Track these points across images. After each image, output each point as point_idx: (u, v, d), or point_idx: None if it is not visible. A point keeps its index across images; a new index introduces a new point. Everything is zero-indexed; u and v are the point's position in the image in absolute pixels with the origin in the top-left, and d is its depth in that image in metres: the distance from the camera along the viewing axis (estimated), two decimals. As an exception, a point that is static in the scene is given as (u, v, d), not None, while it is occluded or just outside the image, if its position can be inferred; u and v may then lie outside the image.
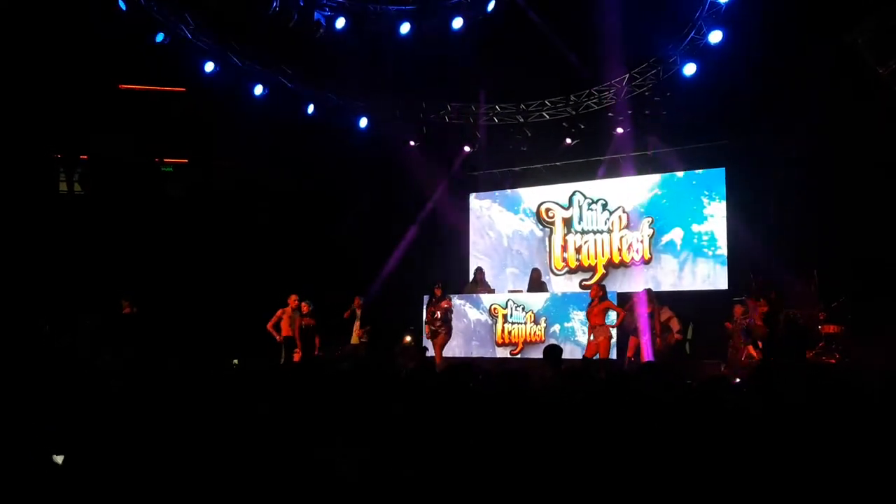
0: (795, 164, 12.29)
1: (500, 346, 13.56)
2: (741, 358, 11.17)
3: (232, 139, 14.26)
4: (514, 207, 16.35)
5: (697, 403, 4.33)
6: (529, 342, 13.28)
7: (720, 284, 13.81)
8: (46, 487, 3.41)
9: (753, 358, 10.95)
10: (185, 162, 15.59)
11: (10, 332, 11.08)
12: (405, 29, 12.66)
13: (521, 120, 15.20)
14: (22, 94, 12.87)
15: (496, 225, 16.53)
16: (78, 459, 3.55)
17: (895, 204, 10.93)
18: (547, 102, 14.86)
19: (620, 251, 14.96)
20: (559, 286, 15.27)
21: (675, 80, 12.91)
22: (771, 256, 12.32)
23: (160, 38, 12.11)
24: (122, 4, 11.36)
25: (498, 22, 12.45)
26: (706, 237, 14.10)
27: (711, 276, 14.02)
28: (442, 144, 15.75)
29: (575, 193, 15.58)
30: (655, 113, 13.81)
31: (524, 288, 14.57)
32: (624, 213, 14.98)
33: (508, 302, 13.70)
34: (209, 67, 12.93)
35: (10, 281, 12.65)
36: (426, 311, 13.04)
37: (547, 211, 15.88)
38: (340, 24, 12.39)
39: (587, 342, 11.75)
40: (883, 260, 10.92)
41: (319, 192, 15.85)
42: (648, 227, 14.70)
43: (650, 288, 12.81)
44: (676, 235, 14.42)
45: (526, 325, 13.39)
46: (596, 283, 13.89)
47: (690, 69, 12.29)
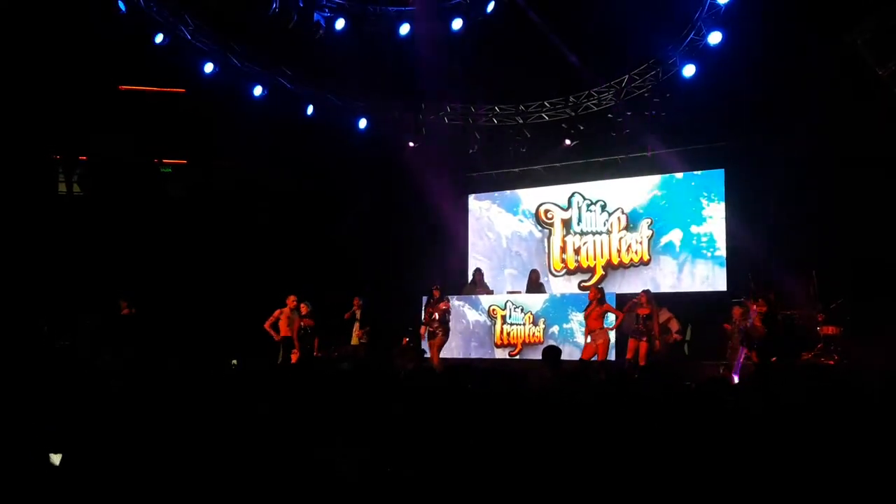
0: (794, 165, 12.29)
1: (498, 347, 13.56)
2: (737, 359, 11.17)
3: (232, 140, 14.25)
4: (513, 208, 16.35)
5: (696, 405, 4.33)
6: (528, 343, 13.27)
7: (719, 286, 13.82)
8: (46, 487, 3.41)
9: (751, 360, 10.95)
10: (184, 162, 15.59)
11: (9, 332, 11.08)
12: (405, 30, 12.68)
13: (520, 121, 15.22)
14: (22, 94, 12.86)
15: (495, 226, 16.54)
16: (78, 459, 3.55)
17: (894, 204, 10.94)
18: (546, 103, 14.89)
19: (619, 252, 14.97)
20: (558, 287, 15.27)
21: (674, 81, 12.93)
22: (770, 258, 12.34)
23: (160, 38, 12.13)
24: (121, 5, 11.37)
25: (497, 23, 12.46)
26: (705, 238, 14.11)
27: (710, 277, 14.02)
28: (441, 145, 15.75)
29: (574, 195, 15.59)
30: (655, 114, 13.82)
31: (523, 289, 14.57)
32: (623, 214, 14.99)
33: (507, 303, 13.70)
34: (209, 68, 12.95)
35: (9, 281, 12.64)
36: (424, 311, 13.04)
37: (546, 212, 15.89)
38: (340, 25, 12.41)
39: (584, 344, 11.75)
40: (882, 261, 10.93)
41: (319, 192, 15.85)
42: (647, 228, 14.71)
43: (649, 289, 12.81)
44: (675, 237, 14.43)
45: (525, 326, 13.39)
46: (594, 285, 13.89)
47: (690, 70, 12.31)
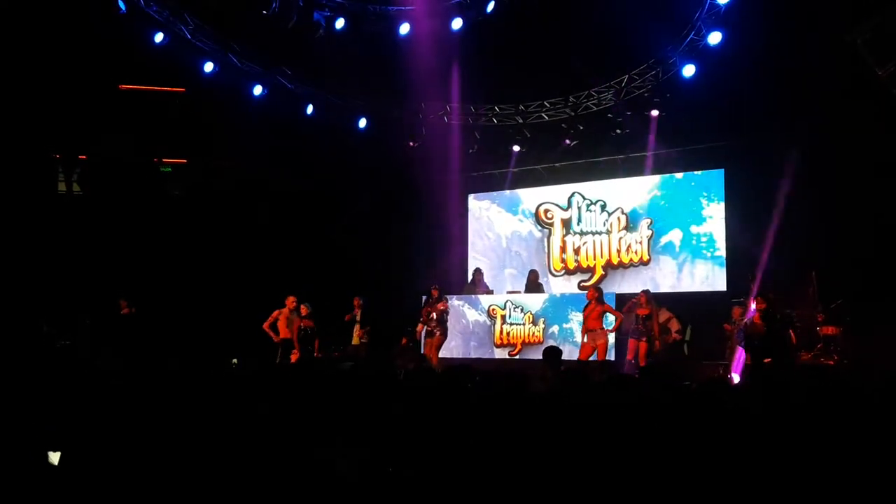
0: (794, 165, 12.29)
1: (498, 347, 13.56)
2: (736, 359, 11.18)
3: (231, 139, 14.25)
4: (512, 208, 16.36)
5: (696, 405, 4.33)
6: (528, 343, 13.27)
7: (719, 286, 13.83)
8: (46, 487, 3.41)
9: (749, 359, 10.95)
10: (184, 162, 15.58)
11: (9, 332, 11.07)
12: (405, 29, 12.68)
13: (520, 121, 15.22)
14: (21, 94, 12.85)
15: (495, 226, 16.54)
16: (78, 459, 3.55)
17: (894, 205, 10.94)
18: (546, 103, 14.88)
19: (619, 252, 14.97)
20: (558, 287, 15.28)
21: (674, 81, 12.93)
22: (770, 258, 12.33)
23: (160, 38, 12.13)
24: (121, 5, 11.37)
25: (497, 23, 12.46)
26: (705, 238, 14.11)
27: (710, 277, 14.03)
28: (441, 145, 15.75)
29: (574, 194, 15.59)
30: (654, 114, 13.82)
31: (522, 289, 14.57)
32: (623, 214, 14.99)
33: (507, 303, 13.70)
34: (208, 68, 12.96)
35: (9, 281, 12.63)
36: (422, 311, 13.04)
37: (546, 212, 15.89)
38: (340, 24, 12.40)
39: (581, 344, 11.74)
40: (882, 261, 10.94)
41: (319, 192, 15.85)
42: (647, 228, 14.71)
43: (648, 289, 12.81)
44: (675, 237, 14.43)
45: (524, 326, 13.39)
46: (592, 285, 13.87)
47: (689, 70, 12.31)
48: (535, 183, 16.12)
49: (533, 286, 14.37)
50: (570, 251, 15.53)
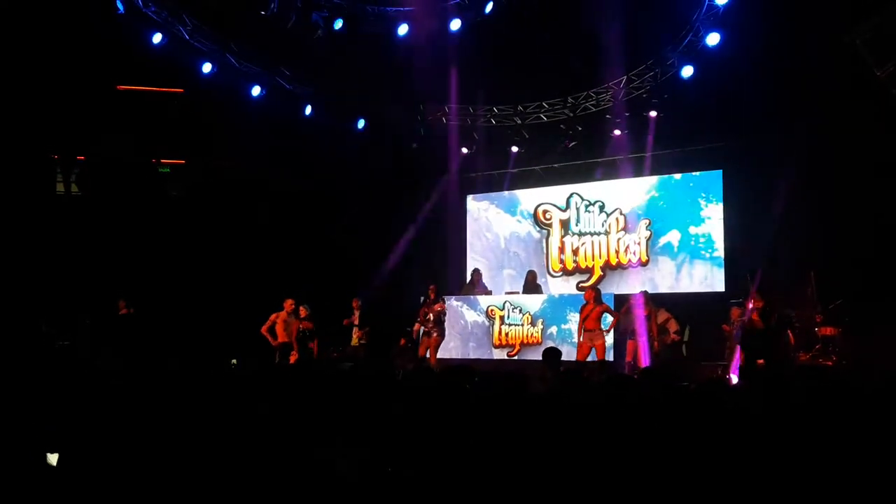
0: (793, 166, 12.29)
1: (497, 347, 13.55)
2: (734, 359, 11.18)
3: (230, 140, 14.24)
4: (511, 209, 16.36)
5: (695, 405, 4.33)
6: (526, 344, 13.26)
7: (717, 286, 13.84)
8: (46, 487, 3.41)
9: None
10: (182, 162, 15.56)
11: (9, 332, 11.06)
12: (403, 30, 12.68)
13: (518, 121, 15.23)
14: (19, 94, 12.84)
15: (493, 226, 16.54)
16: (78, 459, 3.55)
17: (894, 205, 10.94)
18: (545, 104, 14.90)
19: (618, 253, 14.97)
20: (556, 288, 15.28)
21: (672, 82, 12.94)
22: (768, 258, 12.33)
23: (158, 38, 12.12)
24: (119, 5, 11.36)
25: (496, 23, 12.46)
26: (703, 239, 14.12)
27: (708, 278, 14.04)
28: (440, 146, 15.76)
29: (572, 195, 15.59)
30: (653, 115, 13.83)
31: (521, 290, 14.57)
32: (621, 215, 15.00)
33: (505, 303, 13.70)
34: (207, 68, 12.95)
35: (8, 281, 12.62)
36: (419, 311, 13.03)
37: (544, 213, 15.90)
38: (338, 25, 12.40)
39: (578, 344, 11.74)
40: (881, 261, 10.93)
41: (319, 192, 15.84)
42: (646, 229, 14.72)
43: (647, 290, 12.81)
44: (674, 237, 14.44)
45: (523, 326, 13.38)
46: (590, 286, 13.86)
47: (688, 71, 12.33)
48: (533, 184, 16.13)
49: (531, 286, 14.36)
50: (568, 252, 15.54)
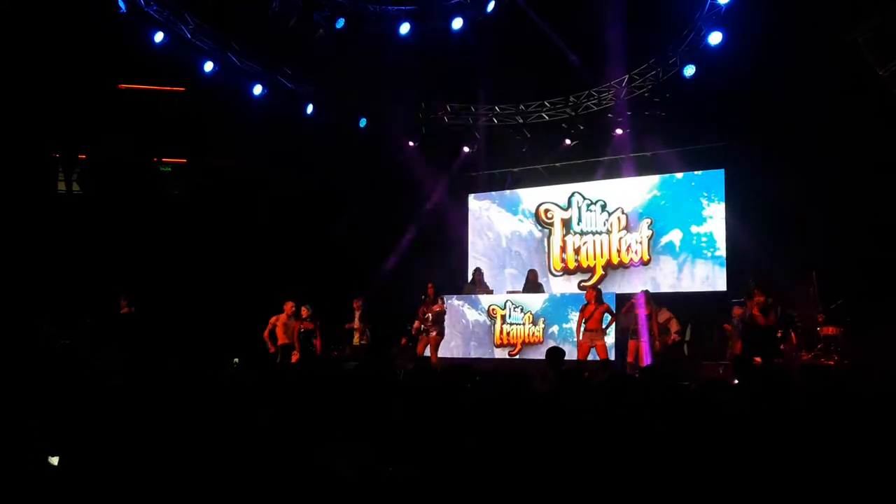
0: (794, 165, 12.29)
1: (498, 346, 13.54)
2: (734, 354, 11.16)
3: (231, 139, 14.25)
4: (512, 208, 16.35)
5: (696, 405, 4.33)
6: (528, 343, 13.25)
7: (719, 286, 13.82)
8: (46, 487, 3.41)
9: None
10: (184, 161, 15.57)
11: (9, 331, 11.06)
12: (405, 29, 12.68)
13: (520, 121, 15.22)
14: (21, 93, 12.85)
15: (495, 226, 16.53)
16: (77, 459, 3.55)
17: (894, 205, 10.93)
18: (546, 103, 14.89)
19: (619, 252, 14.96)
20: (558, 287, 15.27)
21: (674, 81, 12.93)
22: (770, 258, 12.32)
23: (160, 37, 12.13)
24: (121, 4, 11.37)
25: (498, 22, 12.46)
26: (705, 238, 14.10)
27: (710, 277, 14.02)
28: (441, 145, 15.76)
29: (574, 194, 15.58)
30: (654, 114, 13.82)
31: (522, 289, 14.55)
32: (623, 214, 14.98)
33: (507, 303, 13.68)
34: (208, 67, 12.96)
35: (9, 281, 12.63)
36: (419, 310, 13.02)
37: (546, 212, 15.89)
38: (340, 24, 12.40)
39: (578, 343, 11.73)
40: (882, 261, 10.92)
41: (319, 191, 15.84)
42: (647, 228, 14.70)
43: (648, 290, 12.81)
44: (675, 237, 14.42)
45: (524, 325, 13.37)
46: (591, 285, 13.85)
47: (690, 70, 12.31)
48: (535, 183, 16.11)
49: (532, 286, 14.34)
50: (570, 251, 15.53)
